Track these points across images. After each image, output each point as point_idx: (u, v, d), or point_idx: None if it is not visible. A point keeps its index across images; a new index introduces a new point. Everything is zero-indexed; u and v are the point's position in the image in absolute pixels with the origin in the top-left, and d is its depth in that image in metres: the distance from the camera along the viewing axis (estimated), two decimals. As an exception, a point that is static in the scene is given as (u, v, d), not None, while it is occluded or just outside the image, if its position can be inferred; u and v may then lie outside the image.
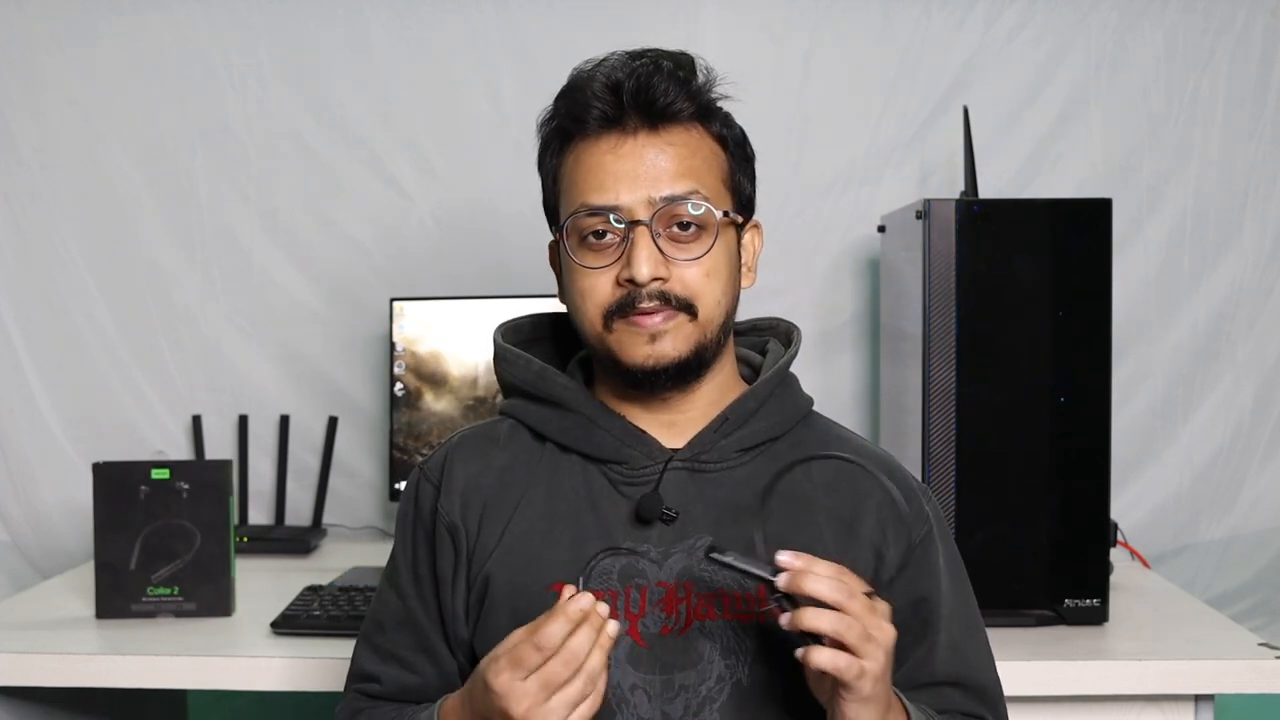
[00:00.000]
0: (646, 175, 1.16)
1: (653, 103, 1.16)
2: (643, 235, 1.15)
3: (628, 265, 1.15)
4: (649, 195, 1.16)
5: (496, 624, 1.19)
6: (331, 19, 2.40)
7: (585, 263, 1.18)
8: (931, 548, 1.23)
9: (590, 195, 1.17)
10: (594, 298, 1.18)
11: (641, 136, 1.17)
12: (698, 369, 1.20)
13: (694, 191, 1.17)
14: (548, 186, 1.25)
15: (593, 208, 1.17)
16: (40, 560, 2.42)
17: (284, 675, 1.64)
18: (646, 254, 1.15)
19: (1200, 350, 2.38)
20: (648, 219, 1.15)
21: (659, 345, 1.17)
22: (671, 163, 1.17)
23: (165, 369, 2.43)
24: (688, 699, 1.15)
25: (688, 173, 1.17)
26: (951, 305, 1.75)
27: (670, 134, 1.18)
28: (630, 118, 1.17)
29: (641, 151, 1.17)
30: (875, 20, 2.37)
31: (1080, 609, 1.74)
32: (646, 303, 1.16)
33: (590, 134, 1.18)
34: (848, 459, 1.19)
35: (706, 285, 1.18)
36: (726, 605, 1.16)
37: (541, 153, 1.25)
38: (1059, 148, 2.37)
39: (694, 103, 1.19)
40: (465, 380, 2.22)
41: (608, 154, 1.17)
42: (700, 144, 1.19)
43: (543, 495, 1.22)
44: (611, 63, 1.19)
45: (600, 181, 1.17)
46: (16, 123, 2.41)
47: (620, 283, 1.16)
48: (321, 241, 2.42)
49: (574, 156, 1.20)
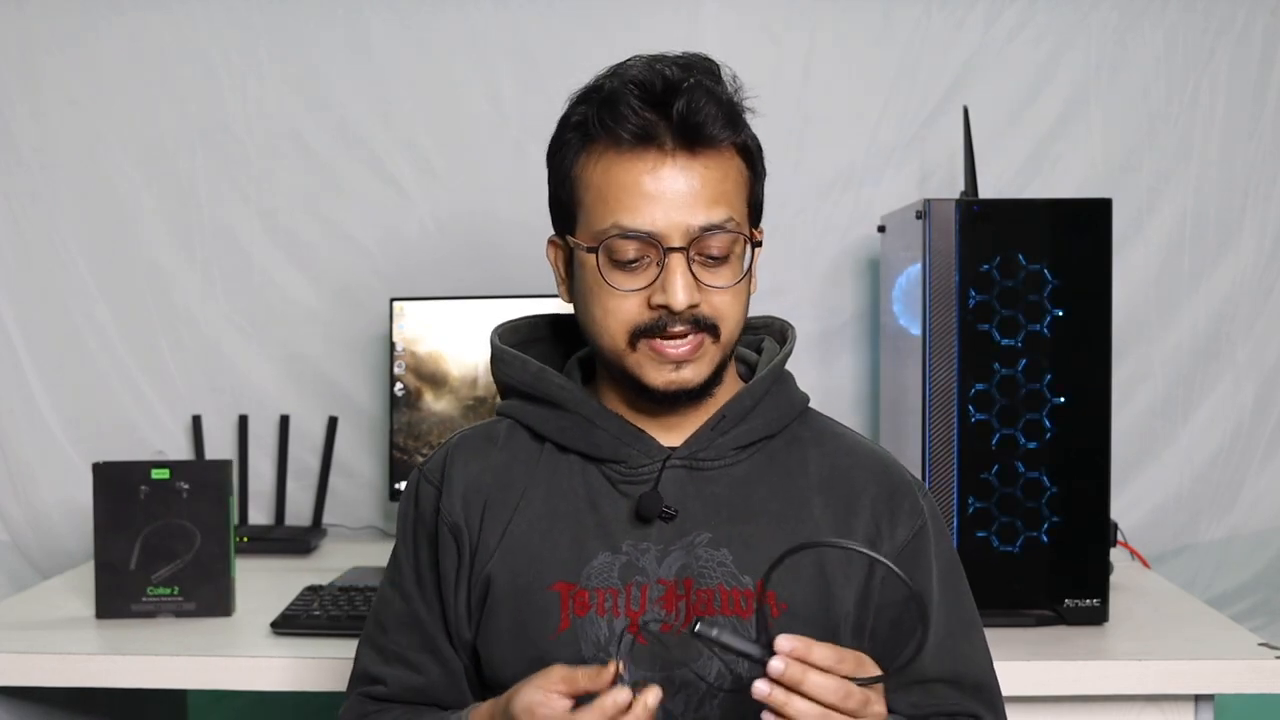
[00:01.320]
0: (684, 203, 1.14)
1: (698, 128, 1.13)
2: (680, 263, 1.14)
3: (663, 291, 1.14)
4: (687, 224, 1.14)
5: (498, 624, 1.20)
6: (331, 19, 2.40)
7: (616, 284, 1.16)
8: (925, 544, 1.23)
9: (624, 216, 1.14)
10: (621, 317, 1.16)
11: (680, 159, 1.14)
12: (714, 386, 1.21)
13: (728, 219, 1.15)
14: (559, 184, 1.21)
15: (628, 231, 1.14)
16: (40, 560, 2.42)
17: (284, 675, 1.64)
18: (684, 282, 1.14)
19: (1200, 350, 2.38)
20: (684, 244, 1.14)
21: (682, 372, 1.17)
22: (707, 188, 1.14)
23: (165, 369, 2.43)
24: (688, 695, 1.16)
25: (721, 198, 1.15)
26: (952, 305, 1.75)
27: (706, 158, 1.15)
28: (668, 139, 1.14)
29: (680, 175, 1.14)
30: (875, 20, 2.37)
31: (1080, 609, 1.74)
32: (678, 327, 1.15)
33: (624, 147, 1.14)
34: (850, 548, 1.09)
35: (732, 308, 1.18)
36: (725, 602, 1.16)
37: (557, 148, 1.21)
38: (1059, 148, 2.37)
39: (733, 133, 1.16)
40: (465, 380, 2.22)
41: (645, 175, 1.14)
42: (731, 165, 1.17)
43: (542, 495, 1.22)
44: (649, 73, 1.15)
45: (635, 204, 1.14)
46: (16, 123, 2.41)
47: (652, 306, 1.15)
48: (321, 241, 2.42)
49: (602, 166, 1.16)
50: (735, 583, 1.17)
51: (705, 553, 1.17)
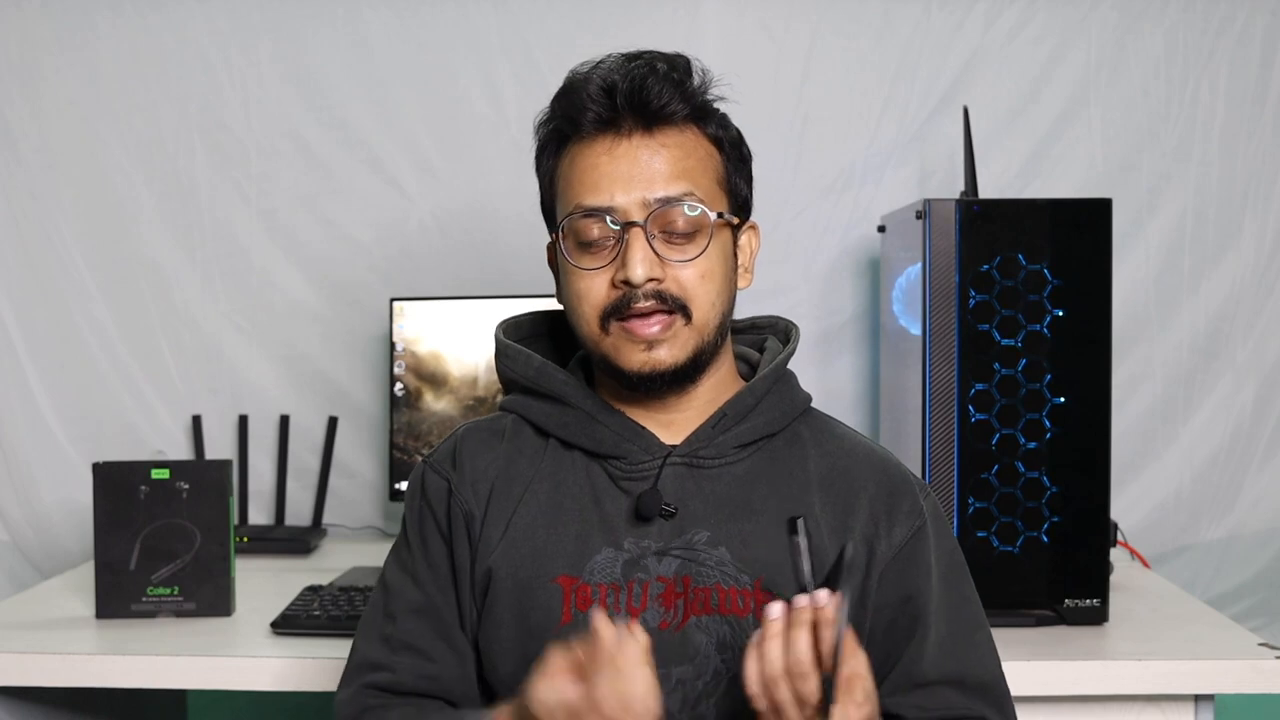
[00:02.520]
0: (641, 177, 1.16)
1: (647, 104, 1.17)
2: (637, 237, 1.16)
3: (623, 266, 1.16)
4: (643, 197, 1.16)
5: (500, 616, 1.20)
6: (331, 19, 2.40)
7: (581, 264, 1.18)
8: (923, 543, 1.23)
9: (585, 197, 1.18)
10: (590, 299, 1.18)
11: (636, 138, 1.17)
12: (694, 373, 1.21)
13: (688, 193, 1.17)
14: (545, 188, 1.26)
15: (587, 209, 1.17)
16: (40, 560, 2.42)
17: (284, 675, 1.64)
18: (641, 255, 1.15)
19: (1200, 350, 2.38)
20: (642, 220, 1.16)
21: (655, 353, 1.17)
22: (666, 164, 1.17)
23: (165, 369, 2.43)
24: (685, 693, 1.16)
25: (682, 174, 1.18)
26: (951, 305, 1.75)
27: (665, 135, 1.18)
28: (625, 120, 1.17)
29: (636, 153, 1.17)
30: (875, 20, 2.37)
31: (1080, 609, 1.74)
32: (642, 303, 1.16)
33: (585, 136, 1.19)
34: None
35: (701, 286, 1.18)
36: (722, 601, 1.17)
37: (538, 155, 1.25)
38: (1059, 148, 2.37)
39: (688, 104, 1.19)
40: (465, 380, 2.22)
41: (602, 155, 1.18)
42: (695, 145, 1.20)
43: (546, 489, 1.22)
44: (607, 65, 1.19)
45: (595, 183, 1.17)
46: (16, 123, 2.41)
47: (615, 284, 1.17)
48: (321, 241, 2.42)
49: (569, 158, 1.20)
50: (733, 581, 1.17)
51: (704, 551, 1.18)
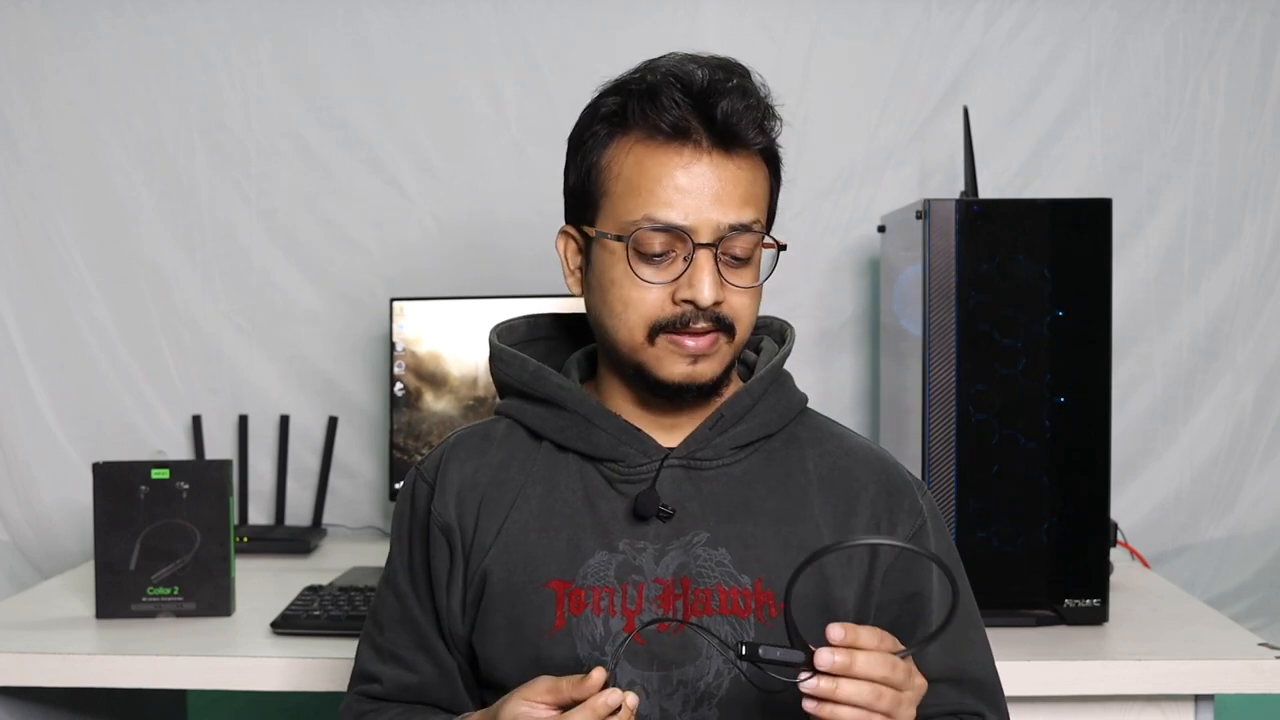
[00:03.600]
0: (717, 200, 1.15)
1: (736, 129, 1.15)
2: (708, 260, 1.14)
3: (689, 286, 1.14)
4: (718, 221, 1.15)
5: (494, 622, 1.20)
6: (331, 19, 2.40)
7: (642, 275, 1.16)
8: (924, 543, 1.23)
9: (657, 209, 1.14)
10: (642, 310, 1.16)
11: (715, 157, 1.15)
12: (722, 387, 1.21)
13: (756, 221, 1.17)
14: (582, 171, 1.20)
15: (660, 224, 1.14)
16: (40, 560, 2.42)
17: (284, 675, 1.64)
18: (711, 279, 1.14)
19: (1200, 350, 2.38)
20: (713, 241, 1.15)
21: (699, 367, 1.17)
22: (739, 189, 1.16)
23: (165, 369, 2.43)
24: (685, 694, 1.16)
25: (751, 201, 1.17)
26: (951, 305, 1.75)
27: (740, 160, 1.16)
28: (705, 135, 1.15)
29: (715, 173, 1.15)
30: (875, 20, 2.37)
31: (1080, 609, 1.74)
32: (701, 324, 1.16)
33: (659, 139, 1.15)
34: (902, 546, 1.11)
35: (751, 310, 1.19)
36: (723, 602, 1.16)
37: (583, 132, 1.20)
38: (1059, 148, 2.37)
39: (767, 138, 1.18)
40: (465, 380, 2.22)
41: (679, 170, 1.14)
42: (759, 171, 1.19)
43: (539, 493, 1.22)
44: (691, 69, 1.16)
45: (669, 198, 1.14)
46: (16, 123, 2.41)
47: (676, 301, 1.16)
48: (321, 241, 2.42)
49: (634, 157, 1.16)
50: (734, 582, 1.17)
51: (703, 552, 1.17)
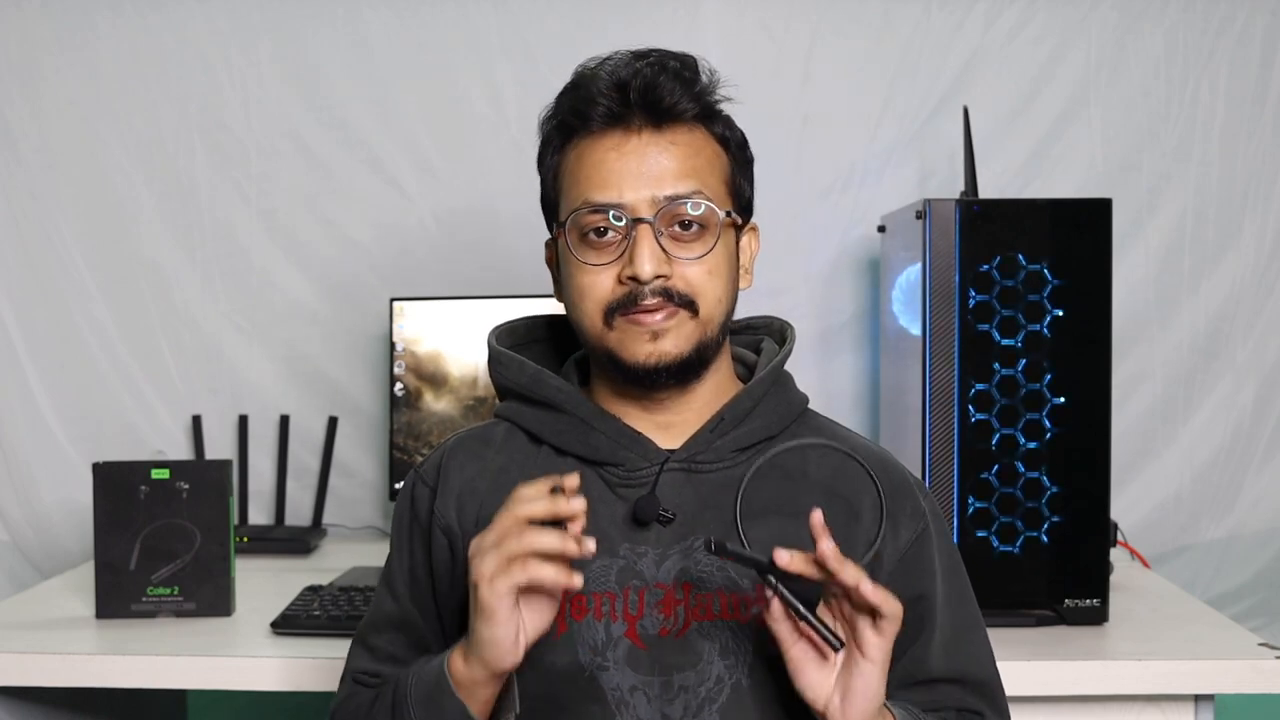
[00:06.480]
0: (650, 174, 1.16)
1: (658, 102, 1.17)
2: (646, 233, 1.15)
3: (630, 263, 1.15)
4: (652, 194, 1.16)
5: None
6: (331, 19, 2.40)
7: (586, 259, 1.18)
8: (928, 544, 1.23)
9: (593, 192, 1.17)
10: (594, 295, 1.18)
11: (645, 135, 1.17)
12: (698, 367, 1.20)
13: (697, 191, 1.17)
14: (547, 183, 1.25)
15: (595, 204, 1.17)
16: (40, 560, 2.42)
17: (284, 675, 1.64)
18: (649, 252, 1.15)
19: (1200, 350, 2.38)
20: (651, 217, 1.16)
21: (661, 343, 1.17)
22: (675, 162, 1.17)
23: (165, 369, 2.43)
24: (687, 700, 1.15)
25: (691, 172, 1.17)
26: (952, 305, 1.75)
27: (674, 134, 1.18)
28: (634, 116, 1.17)
29: (645, 150, 1.17)
30: (875, 20, 2.37)
31: (1080, 609, 1.74)
32: (649, 299, 1.16)
33: (594, 131, 1.18)
34: (832, 446, 1.19)
35: (708, 283, 1.18)
36: (724, 606, 1.16)
37: (542, 150, 1.25)
38: (1059, 148, 2.37)
39: (698, 104, 1.19)
40: (465, 380, 2.22)
41: (611, 151, 1.17)
42: (703, 145, 1.20)
43: (537, 499, 1.21)
44: (616, 61, 1.19)
45: (603, 179, 1.17)
46: (16, 123, 2.41)
47: (622, 280, 1.16)
48: (321, 241, 2.42)
49: (576, 153, 1.20)
50: (736, 586, 1.17)
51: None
